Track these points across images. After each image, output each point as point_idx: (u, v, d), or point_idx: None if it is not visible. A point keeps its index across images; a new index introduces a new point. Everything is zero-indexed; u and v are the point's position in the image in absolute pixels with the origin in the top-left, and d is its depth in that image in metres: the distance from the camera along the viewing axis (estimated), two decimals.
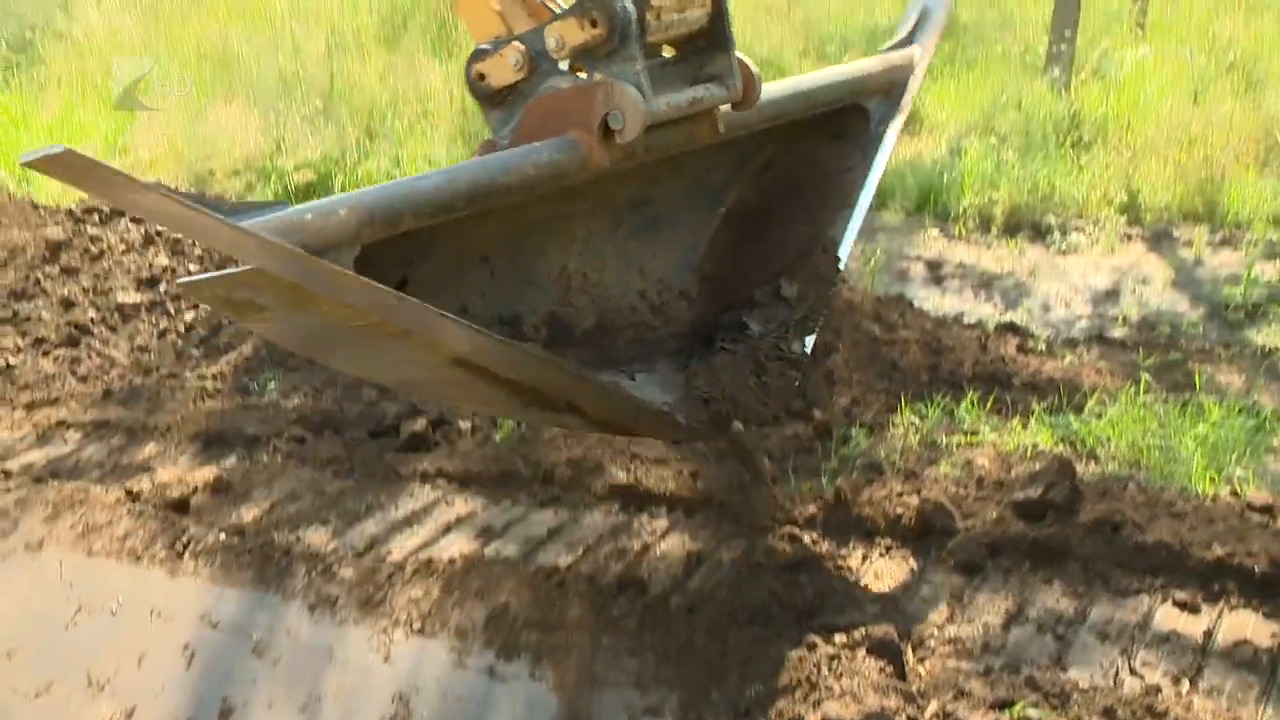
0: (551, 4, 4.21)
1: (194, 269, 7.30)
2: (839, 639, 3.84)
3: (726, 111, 4.17)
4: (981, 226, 8.25)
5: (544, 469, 5.04)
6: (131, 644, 4.33)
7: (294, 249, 2.95)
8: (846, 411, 5.37)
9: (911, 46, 5.24)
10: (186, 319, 6.90)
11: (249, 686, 4.17)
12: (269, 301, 3.14)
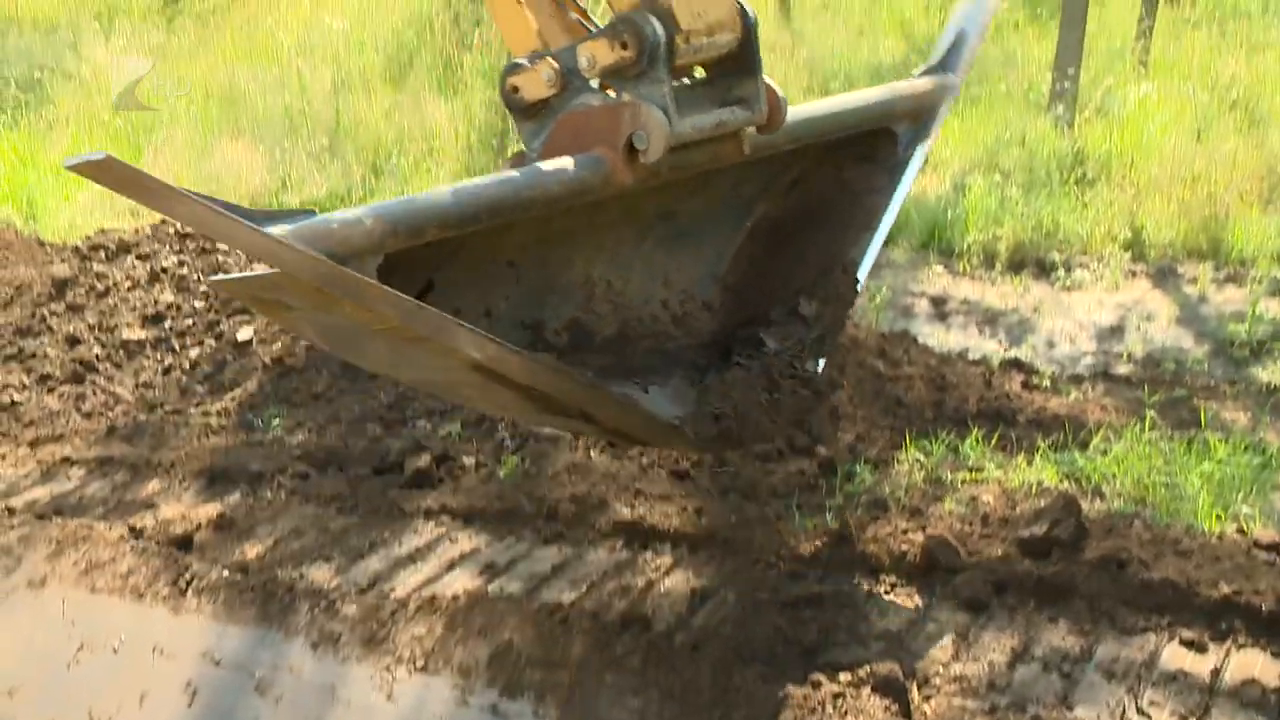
0: (586, 22, 4.30)
1: (199, 305, 7.31)
2: (844, 677, 3.82)
3: (752, 133, 4.26)
4: (986, 263, 8.25)
5: (548, 505, 5.03)
6: (133, 682, 4.32)
7: (318, 256, 3.06)
8: (851, 447, 5.36)
9: (944, 74, 5.32)
10: (191, 355, 6.90)
11: None
12: (295, 302, 3.27)
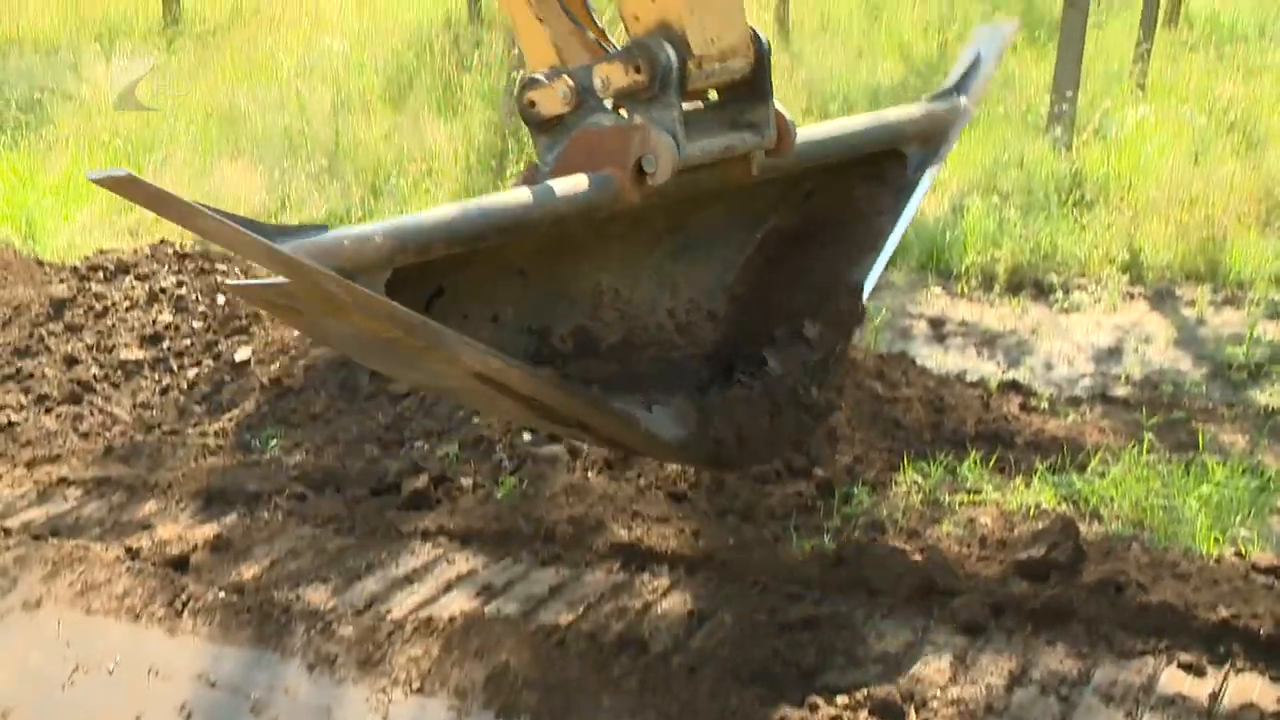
0: (604, 42, 4.40)
1: (197, 325, 7.31)
2: (841, 700, 3.82)
3: (761, 156, 4.36)
4: (984, 284, 8.26)
5: (545, 527, 5.03)
6: (129, 704, 4.30)
7: (327, 272, 3.22)
8: (849, 469, 5.36)
9: (957, 97, 5.39)
10: (189, 376, 6.90)
11: None
12: (307, 309, 3.43)
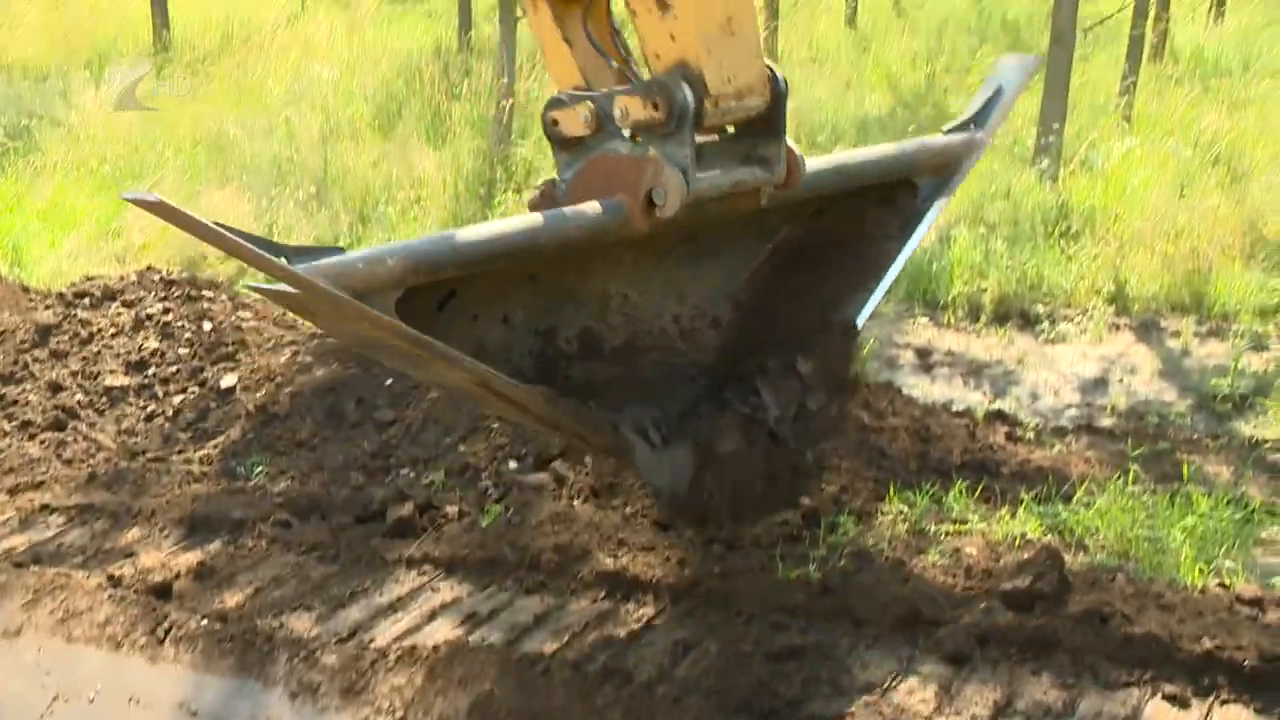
0: (628, 70, 4.59)
1: (183, 352, 7.30)
2: None
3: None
4: (970, 315, 8.30)
5: (530, 555, 5.01)
6: None
7: (339, 294, 3.46)
8: (835, 499, 5.35)
9: (974, 130, 5.49)
10: (174, 402, 6.88)
11: None
12: (321, 315, 3.71)
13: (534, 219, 4.13)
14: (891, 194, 5.31)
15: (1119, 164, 10.39)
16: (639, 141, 4.31)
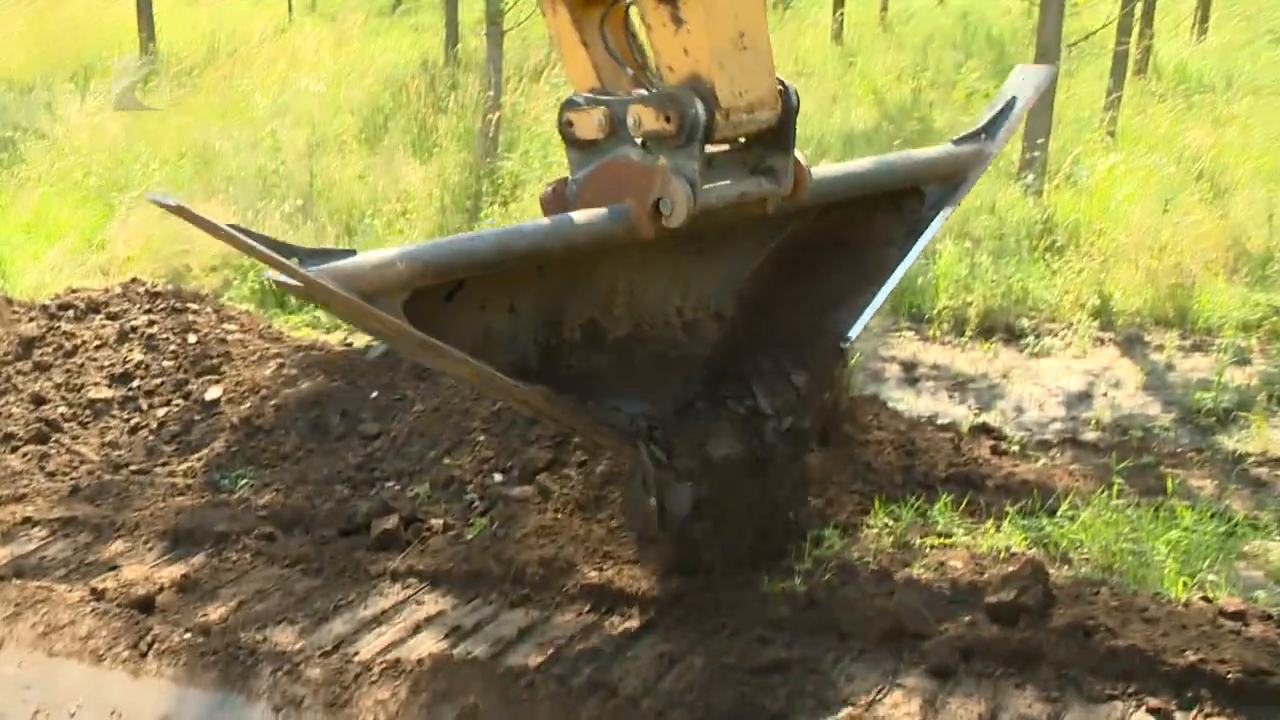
0: (643, 78, 4.69)
1: (168, 365, 7.27)
2: None
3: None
4: (956, 329, 8.31)
5: (515, 568, 5.00)
6: None
7: (348, 296, 3.65)
8: (820, 512, 5.35)
9: (984, 140, 5.61)
10: (159, 415, 6.85)
11: None
12: (335, 306, 3.84)
13: (541, 225, 4.28)
14: (898, 200, 5.41)
15: (1103, 179, 10.43)
16: (650, 150, 4.41)
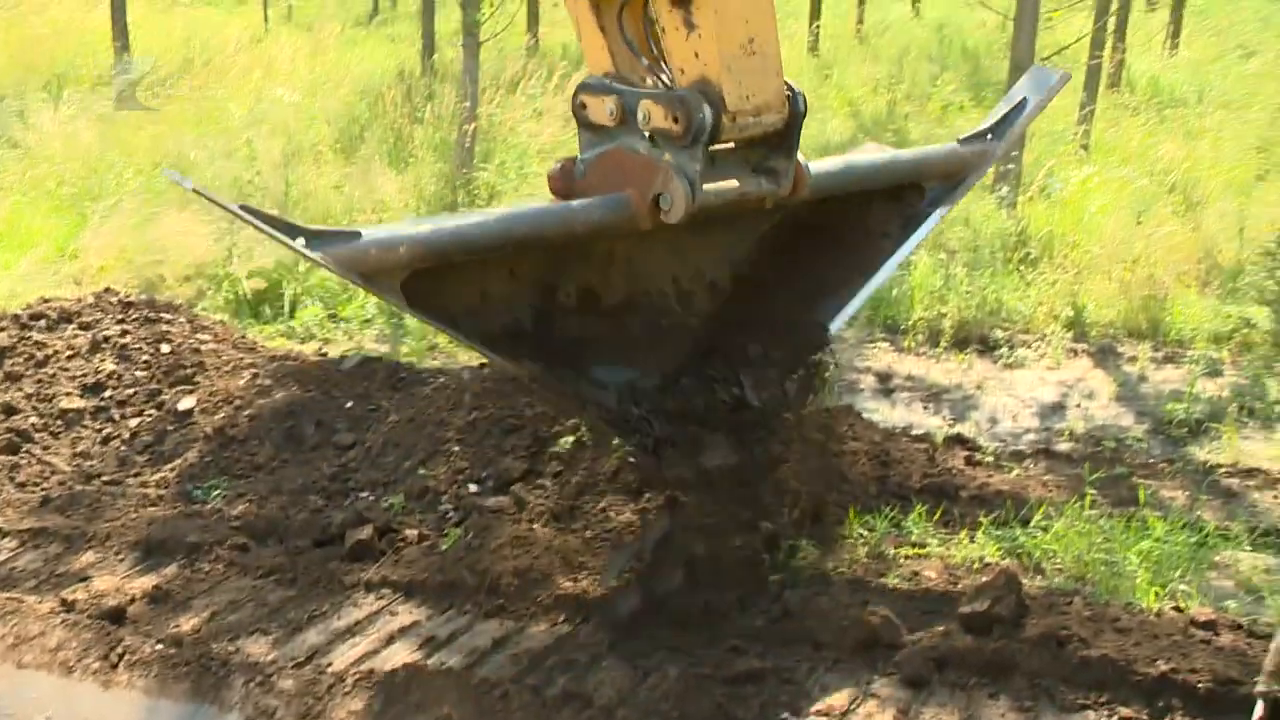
0: (657, 68, 4.78)
1: (141, 375, 7.23)
2: None
3: None
4: (931, 340, 8.34)
5: (490, 578, 4.98)
6: None
7: (350, 276, 3.97)
8: (795, 522, 5.35)
9: (988, 142, 5.68)
10: (131, 425, 6.80)
11: None
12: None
13: (543, 211, 4.53)
14: (898, 192, 5.52)
15: (1077, 191, 10.48)
16: (657, 144, 4.56)
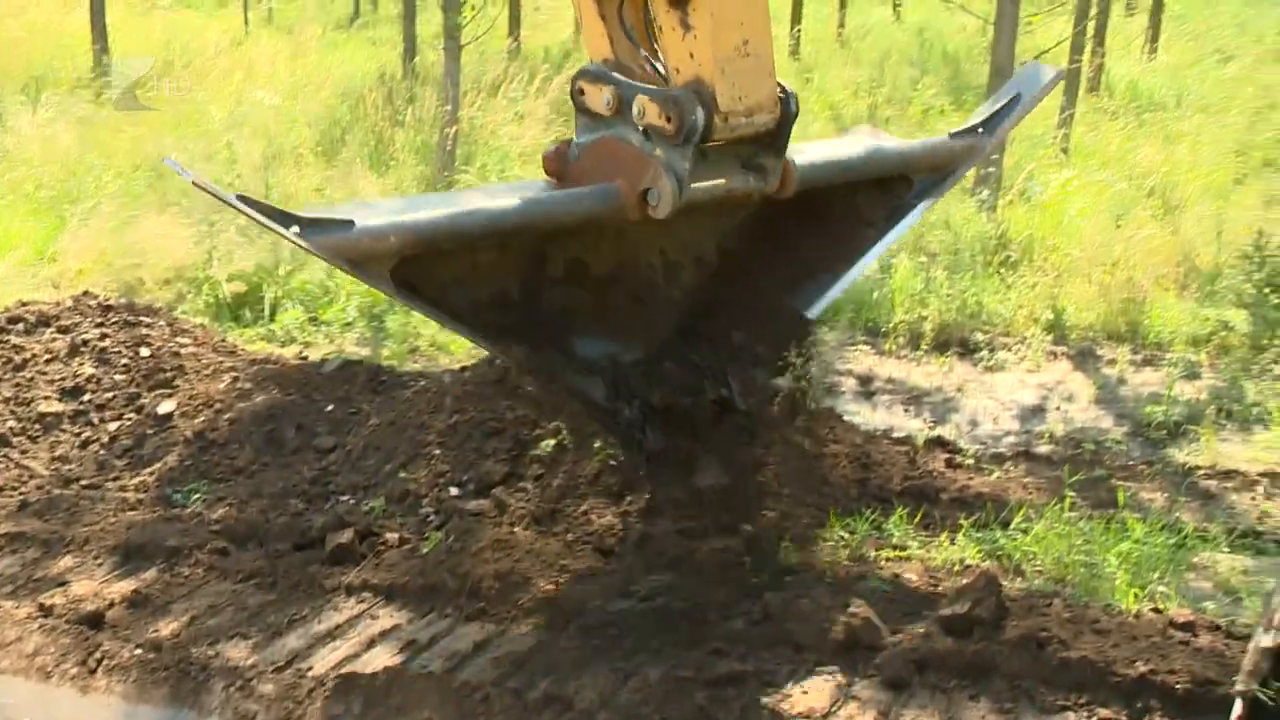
0: (654, 60, 4.90)
1: (120, 378, 7.20)
2: None
3: None
4: (911, 343, 8.35)
5: (470, 582, 4.97)
6: None
7: (340, 263, 4.20)
8: (776, 525, 5.36)
9: (979, 136, 5.76)
10: (110, 429, 6.77)
11: None
12: None
13: (533, 200, 4.68)
14: (886, 182, 5.60)
15: (1056, 195, 10.51)
16: (650, 138, 4.70)
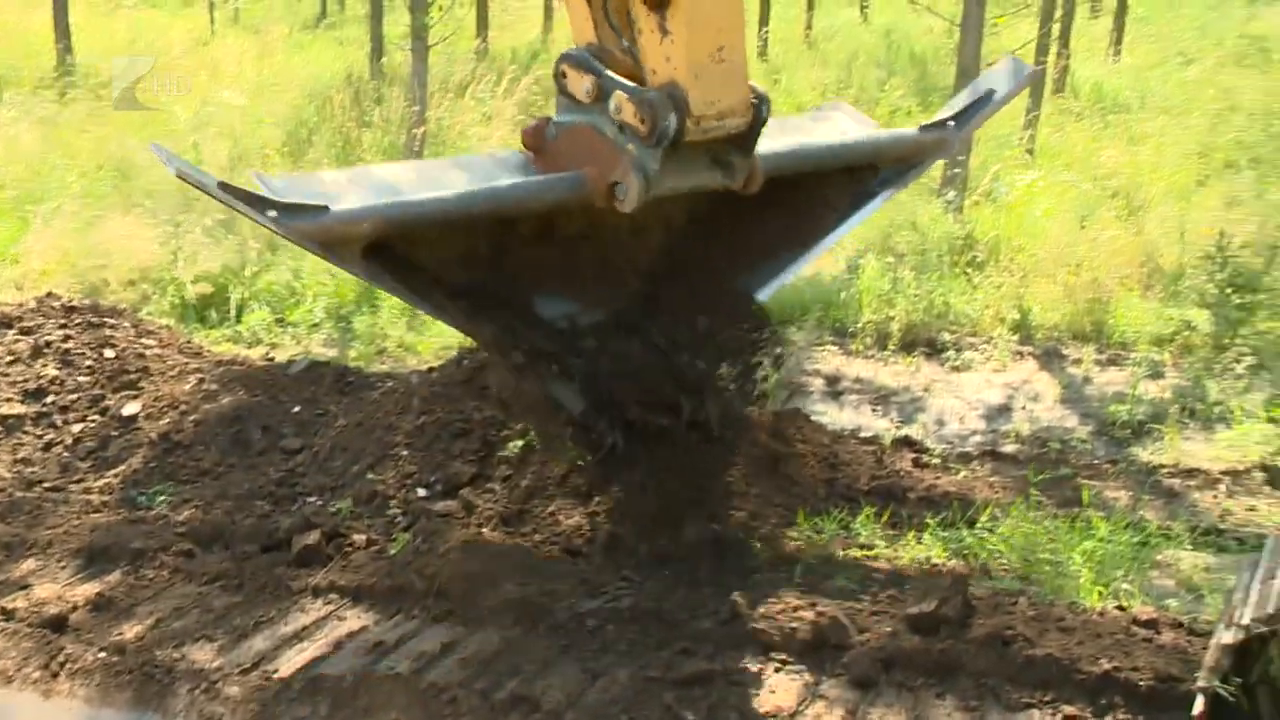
0: (636, 48, 4.91)
1: (84, 380, 7.14)
2: None
3: None
4: (878, 343, 8.38)
5: (438, 583, 4.96)
6: None
7: (312, 247, 4.43)
8: (744, 525, 5.37)
9: (947, 130, 5.88)
10: (74, 431, 6.72)
11: None
12: None
13: (503, 186, 4.87)
14: (855, 169, 5.71)
15: (1022, 195, 10.56)
16: (624, 133, 4.82)
